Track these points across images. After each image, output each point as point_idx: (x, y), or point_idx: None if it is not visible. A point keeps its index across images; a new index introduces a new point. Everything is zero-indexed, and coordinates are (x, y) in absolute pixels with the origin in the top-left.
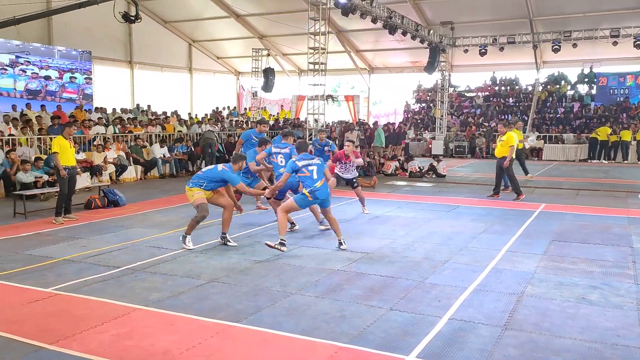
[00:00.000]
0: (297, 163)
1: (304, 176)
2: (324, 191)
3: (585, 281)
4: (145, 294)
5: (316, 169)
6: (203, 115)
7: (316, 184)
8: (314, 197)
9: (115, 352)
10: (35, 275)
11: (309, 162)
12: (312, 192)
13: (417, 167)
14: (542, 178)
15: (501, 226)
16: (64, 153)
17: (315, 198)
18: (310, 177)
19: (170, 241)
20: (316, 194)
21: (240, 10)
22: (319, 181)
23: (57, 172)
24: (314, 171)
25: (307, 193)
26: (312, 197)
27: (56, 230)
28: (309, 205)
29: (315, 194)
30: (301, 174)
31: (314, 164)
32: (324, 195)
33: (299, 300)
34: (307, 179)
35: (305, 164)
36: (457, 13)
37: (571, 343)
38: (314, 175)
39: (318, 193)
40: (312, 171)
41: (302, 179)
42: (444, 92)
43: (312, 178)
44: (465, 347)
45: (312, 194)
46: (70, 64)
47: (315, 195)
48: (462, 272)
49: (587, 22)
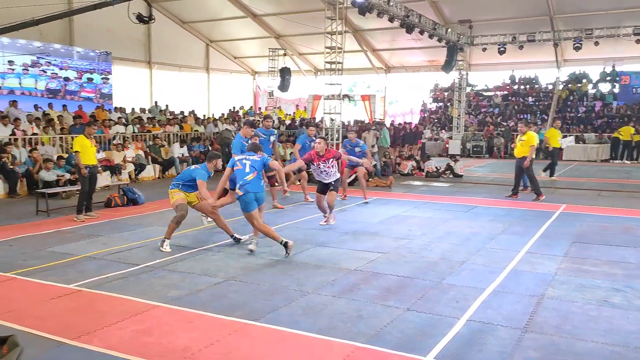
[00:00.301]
0: (235, 157)
1: (237, 169)
2: (255, 185)
3: (608, 283)
4: (164, 291)
5: (250, 163)
6: (220, 115)
7: (246, 177)
8: (244, 192)
9: (136, 348)
10: (58, 272)
11: (246, 156)
12: (242, 186)
13: (434, 166)
14: (563, 178)
15: (520, 227)
16: (85, 152)
17: (246, 192)
18: (242, 170)
19: (187, 239)
20: (246, 187)
21: (257, 10)
22: (250, 174)
23: (79, 170)
24: (247, 164)
25: (238, 190)
26: (243, 191)
27: (77, 228)
28: (249, 200)
29: (245, 187)
30: (236, 167)
31: (250, 159)
32: (255, 189)
33: (316, 299)
34: (238, 173)
35: (241, 157)
36: (476, 11)
37: (593, 346)
38: (245, 169)
39: (248, 186)
40: (245, 164)
41: (236, 172)
42: (462, 91)
43: (244, 171)
44: (484, 349)
45: (241, 188)
46: (89, 64)
47: (246, 188)
48: (480, 273)
49: (610, 20)
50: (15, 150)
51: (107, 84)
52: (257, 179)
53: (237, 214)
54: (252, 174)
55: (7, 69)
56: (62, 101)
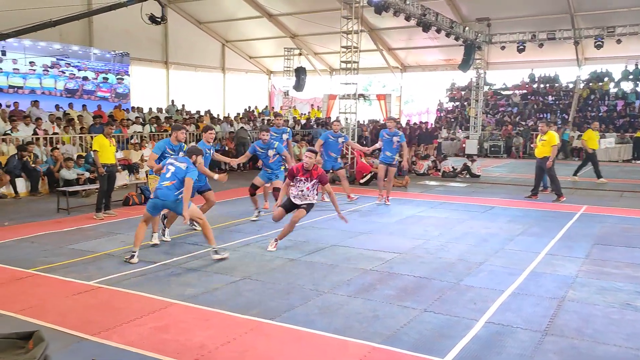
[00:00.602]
0: (167, 160)
1: (162, 173)
2: (166, 192)
3: (630, 286)
4: (181, 289)
5: (174, 170)
6: (235, 114)
7: (163, 182)
8: (155, 196)
9: (154, 344)
10: (78, 269)
11: (174, 161)
12: (155, 189)
13: (450, 166)
14: (584, 179)
15: (540, 228)
16: (103, 151)
17: (156, 197)
18: (164, 174)
19: (204, 238)
20: (157, 192)
21: (273, 10)
22: (168, 181)
23: (97, 169)
24: (170, 171)
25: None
26: (154, 195)
27: (97, 226)
28: (157, 206)
29: (157, 192)
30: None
31: (177, 165)
32: (165, 197)
33: (332, 299)
34: (160, 176)
35: (170, 162)
36: (494, 9)
37: (616, 350)
38: (167, 174)
39: (159, 192)
40: (169, 170)
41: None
42: (479, 90)
43: (164, 177)
44: (503, 352)
45: (154, 192)
46: (104, 65)
47: (157, 194)
48: (499, 275)
49: (632, 17)
50: (37, 149)
51: (122, 84)
52: (172, 187)
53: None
54: (169, 182)
55: (28, 70)
56: (80, 100)
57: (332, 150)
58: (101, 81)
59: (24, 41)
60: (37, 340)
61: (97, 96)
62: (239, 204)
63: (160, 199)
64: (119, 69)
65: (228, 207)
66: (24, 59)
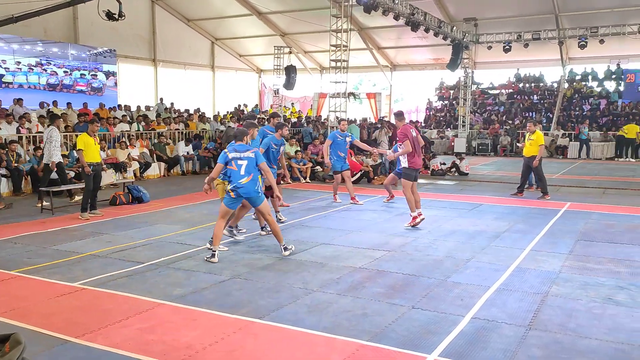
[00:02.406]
0: (228, 154)
1: (231, 169)
2: (249, 188)
3: (612, 281)
4: (169, 289)
5: (246, 163)
6: (225, 112)
7: (241, 180)
8: (237, 195)
9: (140, 346)
10: (63, 270)
11: (240, 154)
12: (235, 189)
13: (439, 164)
14: (568, 177)
15: (525, 225)
16: (88, 150)
17: (238, 196)
18: (237, 172)
19: (192, 237)
20: (239, 191)
21: (263, 8)
22: (246, 177)
23: (82, 169)
24: (242, 166)
25: (230, 190)
26: (235, 194)
27: (82, 226)
28: (237, 203)
29: (238, 191)
30: (230, 166)
31: (245, 157)
32: (249, 194)
33: (321, 297)
34: (233, 174)
35: (236, 156)
36: (481, 9)
37: (597, 344)
38: (241, 171)
39: (241, 190)
40: (241, 166)
41: (229, 172)
42: (467, 89)
43: (239, 174)
44: (488, 347)
45: (234, 191)
46: (80, 63)
47: (239, 192)
48: (485, 271)
49: (615, 18)
50: (20, 148)
51: (97, 79)
52: (252, 182)
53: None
54: (247, 177)
55: (15, 68)
56: (60, 94)
57: (340, 150)
58: (78, 77)
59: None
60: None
61: (75, 89)
62: None
63: (243, 196)
64: (92, 66)
65: (217, 206)
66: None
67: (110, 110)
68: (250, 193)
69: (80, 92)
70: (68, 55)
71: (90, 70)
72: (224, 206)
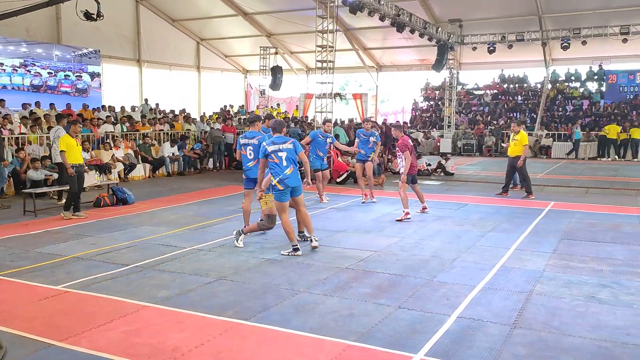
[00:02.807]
0: (267, 148)
1: (272, 162)
2: (294, 178)
3: (595, 280)
4: (154, 291)
5: (286, 155)
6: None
7: (285, 171)
8: (284, 187)
9: (124, 349)
10: (45, 273)
11: (279, 146)
12: (282, 180)
13: (425, 165)
14: (551, 176)
15: (510, 224)
16: (70, 151)
17: (286, 187)
18: (279, 164)
19: (178, 239)
20: (286, 182)
21: (248, 9)
22: (288, 168)
23: (66, 170)
24: (283, 158)
25: (277, 183)
26: (283, 186)
27: (66, 228)
28: (287, 195)
29: (284, 182)
30: (270, 159)
31: (285, 149)
32: (295, 183)
33: (307, 298)
34: (275, 167)
35: (275, 149)
36: (466, 10)
37: (581, 342)
38: (282, 163)
39: (288, 181)
40: (282, 158)
41: (270, 165)
42: (452, 90)
43: (281, 165)
44: (473, 346)
45: (281, 183)
46: (65, 64)
47: (285, 183)
48: (471, 271)
49: (597, 19)
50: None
51: (81, 80)
52: (295, 172)
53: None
54: (290, 168)
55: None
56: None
57: (320, 149)
58: (62, 78)
59: None
60: None
61: (59, 91)
62: (214, 204)
63: (290, 186)
64: (77, 67)
65: (203, 208)
66: None
67: (94, 111)
68: (297, 182)
69: (65, 94)
70: (52, 56)
71: (75, 72)
72: (278, 203)
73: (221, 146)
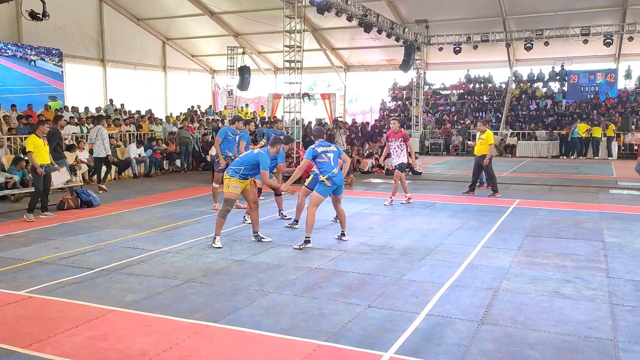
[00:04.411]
0: (317, 149)
1: (322, 162)
2: (340, 177)
3: (559, 275)
4: (121, 295)
5: (333, 155)
6: (178, 114)
7: (333, 170)
8: (332, 183)
9: (90, 354)
10: (7, 278)
11: (326, 148)
12: (330, 178)
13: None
14: (516, 174)
15: (477, 222)
16: (38, 152)
17: (333, 184)
18: (328, 163)
19: (145, 241)
20: (334, 179)
21: (215, 8)
22: (335, 167)
23: (34, 170)
24: (331, 158)
25: (326, 180)
26: (331, 183)
27: (28, 232)
28: (329, 192)
29: (333, 179)
30: (320, 159)
31: (332, 150)
32: (340, 181)
33: (277, 299)
34: (325, 165)
35: (324, 150)
36: (432, 11)
37: (546, 336)
38: (331, 162)
39: (336, 179)
40: (330, 157)
41: (320, 164)
42: (420, 90)
43: (330, 164)
44: (442, 343)
45: (330, 180)
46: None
47: (333, 181)
48: (439, 269)
49: (559, 21)
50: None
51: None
52: (340, 172)
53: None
54: (337, 168)
55: None
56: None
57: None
58: None
59: None
60: None
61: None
62: (182, 205)
63: (337, 184)
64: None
65: (171, 209)
66: None
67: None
68: (342, 181)
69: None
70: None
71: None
72: (318, 196)
73: (188, 146)
